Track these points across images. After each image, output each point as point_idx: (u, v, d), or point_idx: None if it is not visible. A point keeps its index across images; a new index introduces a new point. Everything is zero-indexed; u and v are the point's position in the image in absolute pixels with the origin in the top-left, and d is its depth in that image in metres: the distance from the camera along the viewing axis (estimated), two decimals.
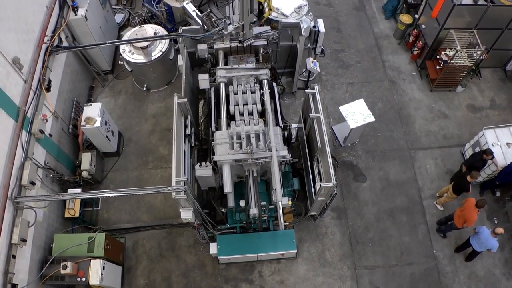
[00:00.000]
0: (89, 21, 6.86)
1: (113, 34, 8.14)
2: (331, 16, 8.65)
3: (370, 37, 8.36)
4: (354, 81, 7.67)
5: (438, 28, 7.18)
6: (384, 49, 8.21)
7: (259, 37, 6.35)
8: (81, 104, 7.23)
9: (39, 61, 5.92)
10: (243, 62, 6.40)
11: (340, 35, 8.33)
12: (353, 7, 8.90)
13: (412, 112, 7.47)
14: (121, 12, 8.62)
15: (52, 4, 6.40)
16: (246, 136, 5.32)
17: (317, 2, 8.95)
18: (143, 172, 6.82)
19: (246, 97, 5.73)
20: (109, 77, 7.83)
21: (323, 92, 7.50)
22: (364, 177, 6.80)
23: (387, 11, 8.71)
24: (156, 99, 7.50)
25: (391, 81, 7.78)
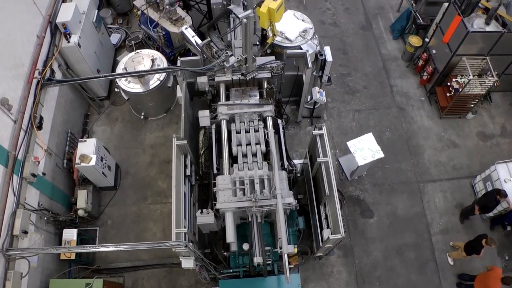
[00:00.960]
0: (82, 48, 6.49)
1: (109, 57, 7.76)
2: (336, 37, 8.30)
3: (377, 59, 8.02)
4: (361, 108, 7.38)
5: (450, 55, 6.85)
6: (392, 72, 7.89)
7: (263, 68, 6.05)
8: (76, 134, 6.93)
9: (30, 97, 5.57)
10: (245, 95, 6.09)
11: (346, 57, 7.99)
12: (360, 27, 8.54)
13: (421, 141, 7.20)
14: (117, 32, 8.22)
15: (42, 32, 6.02)
16: (249, 181, 5.07)
17: (322, 21, 8.57)
18: (141, 208, 6.56)
19: (249, 136, 5.43)
20: (105, 103, 7.49)
21: (329, 120, 7.21)
22: (372, 212, 6.57)
23: (395, 31, 8.35)
24: (154, 128, 7.19)
25: (400, 107, 7.49)
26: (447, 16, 6.99)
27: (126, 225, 6.44)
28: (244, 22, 4.92)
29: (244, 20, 4.92)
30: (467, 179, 6.98)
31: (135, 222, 6.45)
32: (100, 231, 6.41)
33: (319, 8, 8.80)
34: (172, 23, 6.66)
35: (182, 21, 6.68)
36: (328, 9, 8.80)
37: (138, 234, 6.38)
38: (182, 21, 6.68)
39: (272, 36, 6.00)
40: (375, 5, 8.99)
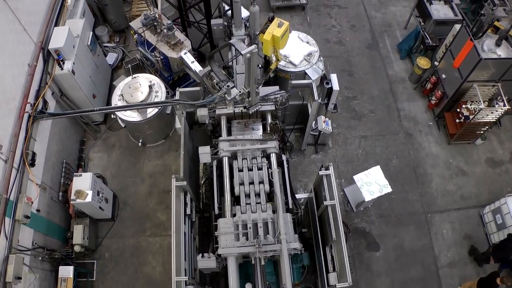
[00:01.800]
0: (77, 75, 6.18)
1: (106, 79, 7.45)
2: (342, 57, 8.00)
3: (384, 81, 7.74)
4: (368, 134, 7.13)
5: (460, 80, 6.58)
6: (399, 95, 7.62)
7: (266, 100, 5.77)
8: (72, 163, 6.68)
9: (21, 133, 5.29)
10: (248, 128, 5.82)
11: (352, 79, 7.71)
12: (366, 45, 8.23)
13: (428, 169, 6.98)
14: (113, 51, 7.89)
15: (34, 61, 5.71)
16: (253, 225, 4.84)
17: (327, 40, 8.26)
18: (140, 240, 6.34)
19: (252, 175, 5.20)
20: (101, 128, 7.21)
21: (334, 148, 6.96)
22: (378, 245, 6.38)
23: (402, 51, 8.05)
24: (153, 155, 6.94)
25: (407, 133, 7.24)
26: (458, 40, 6.70)
27: (125, 258, 6.24)
28: (247, 57, 4.65)
29: (247, 55, 4.64)
30: (475, 209, 6.78)
31: (134, 255, 6.24)
32: (98, 264, 6.21)
33: (323, 25, 8.48)
34: (170, 48, 6.35)
35: (181, 46, 6.37)
36: (333, 27, 8.49)
37: (137, 268, 6.17)
38: (181, 46, 6.36)
39: (276, 61, 5.77)
40: (381, 22, 8.67)
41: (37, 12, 6.03)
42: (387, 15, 8.80)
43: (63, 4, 6.68)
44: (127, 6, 8.86)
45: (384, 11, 8.88)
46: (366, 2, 9.06)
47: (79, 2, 7.08)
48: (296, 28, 8.51)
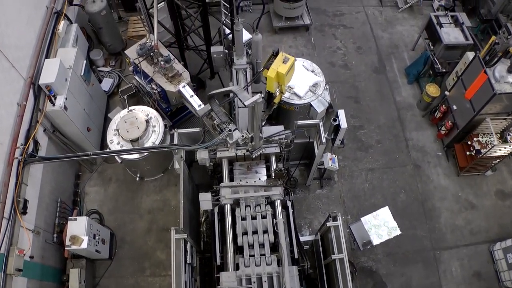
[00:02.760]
0: (70, 110, 5.85)
1: (101, 109, 7.09)
2: (347, 82, 7.68)
3: (391, 108, 7.45)
4: (375, 167, 6.87)
5: (472, 113, 6.30)
6: (407, 123, 7.34)
7: (270, 141, 5.48)
8: (68, 198, 6.40)
9: (11, 180, 5.00)
10: (251, 171, 5.56)
11: (358, 106, 7.41)
12: (372, 69, 7.90)
13: (437, 203, 6.75)
14: (109, 76, 7.53)
15: (23, 100, 5.36)
16: (257, 279, 4.62)
17: (332, 63, 7.92)
18: (139, 280, 6.11)
19: (256, 224, 4.94)
20: (97, 160, 6.92)
21: (340, 182, 6.70)
22: (385, 284, 6.18)
23: (410, 75, 7.73)
24: (152, 190, 6.66)
25: (415, 165, 6.99)
26: (471, 70, 6.39)
27: None
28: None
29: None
30: (485, 244, 6.58)
31: None
32: None
33: (328, 47, 8.14)
34: (168, 80, 6.00)
35: (179, 78, 6.02)
36: (339, 49, 8.14)
37: None
38: (179, 78, 6.02)
39: (280, 94, 5.48)
40: (388, 43, 8.33)
41: (26, 45, 5.67)
42: (394, 35, 8.47)
43: (54, 32, 6.33)
44: (123, 26, 8.49)
45: (391, 30, 8.54)
46: (372, 21, 8.72)
47: (71, 28, 6.72)
48: (300, 51, 8.20)
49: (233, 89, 4.41)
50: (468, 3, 8.92)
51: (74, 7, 7.01)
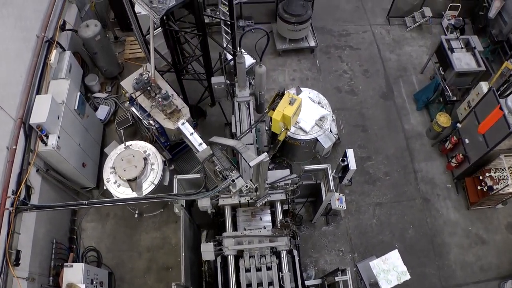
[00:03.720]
0: (63, 149, 5.54)
1: (97, 140, 6.75)
2: (354, 109, 7.37)
3: (400, 137, 7.17)
4: (383, 201, 6.62)
5: (486, 149, 6.03)
6: (416, 153, 7.06)
7: (276, 187, 5.20)
8: (63, 237, 6.11)
9: (3, 229, 4.72)
10: (255, 217, 5.30)
11: (366, 136, 7.12)
12: (380, 94, 7.59)
13: (446, 239, 6.53)
14: (105, 103, 7.19)
15: (13, 143, 5.03)
16: None
17: (338, 89, 7.60)
18: None
19: (260, 275, 4.71)
20: (94, 193, 6.64)
21: (347, 218, 6.45)
22: None
23: (419, 101, 7.43)
24: (151, 227, 6.39)
25: (424, 198, 6.74)
26: (485, 103, 6.09)
27: None
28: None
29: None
30: (495, 281, 6.37)
31: None
32: None
33: (334, 71, 7.80)
34: (166, 116, 5.69)
35: (179, 114, 5.69)
36: (345, 72, 7.81)
37: None
38: (178, 114, 5.69)
39: (285, 130, 5.20)
40: (396, 65, 8.00)
41: (15, 82, 5.32)
42: (402, 56, 8.13)
43: (46, 63, 5.98)
44: (119, 47, 8.11)
45: (399, 51, 8.20)
46: (379, 41, 8.36)
47: (64, 56, 6.36)
48: (304, 75, 7.86)
49: (237, 147, 4.11)
50: (478, 22, 8.58)
51: (67, 32, 6.63)
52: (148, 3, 4.90)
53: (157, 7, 4.87)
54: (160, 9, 4.91)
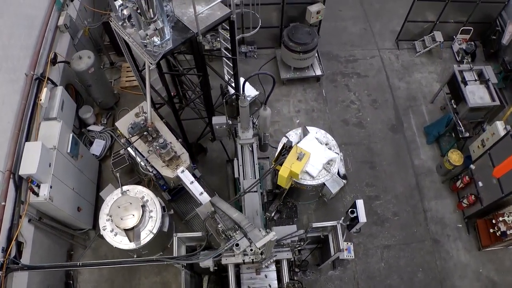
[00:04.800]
0: (56, 198, 5.21)
1: (92, 178, 6.42)
2: (362, 143, 7.04)
3: (409, 173, 6.87)
4: (391, 243, 6.36)
5: (500, 194, 5.75)
6: (426, 191, 6.78)
7: (282, 245, 4.92)
8: (59, 285, 5.82)
9: None
10: (260, 275, 5.00)
11: (374, 173, 6.82)
12: (389, 127, 7.26)
13: (457, 282, 6.29)
14: (100, 137, 6.83)
15: (2, 200, 4.69)
16: None
17: (345, 121, 7.26)
18: None
19: None
20: (90, 234, 6.34)
21: (354, 261, 6.19)
22: None
23: (430, 135, 7.11)
24: (150, 271, 6.11)
25: (434, 239, 6.49)
26: (501, 147, 5.80)
27: None
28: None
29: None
30: None
31: None
32: None
33: (341, 101, 7.45)
34: (165, 164, 5.35)
35: (178, 161, 5.35)
36: (352, 102, 7.46)
37: None
38: (177, 161, 5.35)
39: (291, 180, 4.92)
40: (406, 94, 7.65)
41: (3, 128, 4.95)
42: (411, 84, 7.78)
43: (36, 103, 5.60)
44: (115, 73, 7.71)
45: (408, 79, 7.84)
46: (388, 67, 7.99)
47: (56, 93, 5.97)
48: (310, 106, 7.50)
49: (242, 224, 3.82)
50: (490, 47, 8.22)
51: (59, 64, 6.24)
52: (142, 47, 4.54)
53: (152, 51, 4.51)
54: (156, 54, 4.54)
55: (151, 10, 4.22)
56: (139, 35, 4.32)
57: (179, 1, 5.27)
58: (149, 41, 4.39)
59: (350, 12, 8.76)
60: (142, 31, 4.27)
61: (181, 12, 5.07)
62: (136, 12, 4.27)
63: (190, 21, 4.83)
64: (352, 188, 6.59)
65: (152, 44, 4.49)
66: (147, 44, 4.47)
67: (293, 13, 7.34)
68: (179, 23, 4.90)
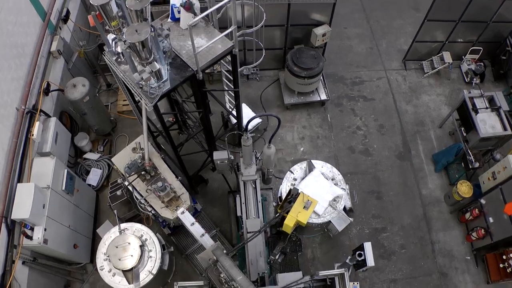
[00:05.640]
0: (51, 239, 4.98)
1: (89, 211, 6.16)
2: (369, 172, 6.81)
3: (416, 203, 6.66)
4: (398, 278, 6.18)
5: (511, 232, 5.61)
6: (434, 222, 6.58)
7: None
8: None
9: None
10: None
11: (381, 204, 6.60)
12: (396, 154, 7.02)
13: None
14: (97, 165, 6.57)
15: None
16: None
17: (351, 149, 7.01)
18: None
19: None
20: (88, 268, 6.11)
21: None
22: None
23: (438, 164, 6.88)
24: None
25: (442, 273, 6.30)
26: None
27: None
28: None
29: None
30: None
31: None
32: None
33: (347, 127, 7.19)
34: (164, 205, 5.09)
35: (178, 202, 5.10)
36: (359, 128, 7.20)
37: None
38: (177, 202, 5.10)
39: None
40: (413, 119, 7.39)
41: None
42: (419, 108, 7.52)
43: (28, 138, 5.32)
44: (112, 96, 7.41)
45: (416, 102, 7.58)
46: (395, 89, 7.72)
47: (49, 124, 5.70)
48: (314, 132, 7.24)
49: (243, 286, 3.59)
50: (499, 67, 7.94)
51: (52, 93, 5.94)
52: (137, 87, 4.25)
53: (148, 92, 4.23)
54: (153, 96, 4.26)
55: (146, 50, 3.95)
56: (133, 78, 4.05)
57: (177, 33, 4.98)
58: (145, 84, 4.13)
59: (356, 30, 8.46)
60: (137, 74, 3.99)
61: (179, 45, 4.78)
62: (129, 52, 3.96)
63: (189, 56, 4.54)
64: (358, 220, 6.39)
65: (148, 86, 4.23)
66: (143, 85, 4.21)
67: (298, 34, 7.03)
68: (177, 59, 4.61)
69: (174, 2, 4.98)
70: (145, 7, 3.98)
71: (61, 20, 6.43)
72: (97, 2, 3.87)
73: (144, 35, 3.75)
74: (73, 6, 7.02)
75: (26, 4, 5.64)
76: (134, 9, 3.93)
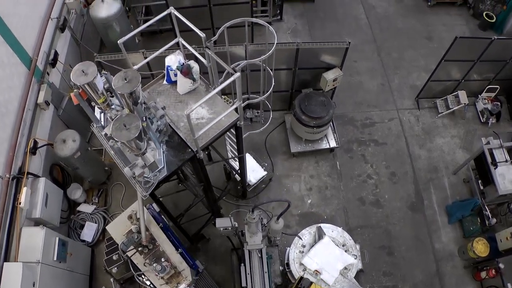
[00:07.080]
0: None
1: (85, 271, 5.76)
2: (379, 225, 6.43)
3: (429, 259, 6.32)
4: None
5: None
6: (447, 279, 6.25)
7: None
8: None
9: None
10: None
11: (392, 260, 6.26)
12: (408, 205, 6.64)
13: None
14: (92, 219, 6.15)
15: None
16: None
17: (361, 200, 6.61)
18: None
19: None
20: None
21: None
22: None
23: (453, 217, 6.51)
24: None
25: None
26: None
27: None
28: None
29: None
30: None
31: None
32: None
33: (357, 175, 6.77)
34: (164, 281, 4.68)
35: (178, 279, 4.68)
36: (369, 177, 6.79)
37: None
38: (178, 279, 4.68)
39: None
40: (426, 165, 6.98)
41: None
42: (432, 152, 7.11)
43: (15, 207, 4.89)
44: None
45: (430, 146, 7.16)
46: (408, 132, 7.27)
47: (38, 186, 5.25)
48: (323, 182, 6.82)
49: None
50: None
51: (39, 150, 5.46)
52: (131, 178, 3.79)
53: (142, 182, 3.78)
54: (147, 186, 3.82)
55: (137, 143, 3.47)
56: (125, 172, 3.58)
57: (173, 99, 4.48)
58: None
59: (366, 63, 7.96)
60: (128, 169, 3.53)
61: (177, 116, 4.29)
62: (117, 147, 3.48)
63: (188, 129, 4.00)
64: (368, 278, 6.08)
65: (142, 177, 3.77)
66: (135, 175, 3.74)
67: (306, 76, 6.53)
68: (175, 136, 4.13)
69: (169, 64, 4.48)
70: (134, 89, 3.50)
71: (49, 65, 5.92)
72: (80, 82, 3.43)
73: (135, 132, 3.27)
74: (62, 45, 6.46)
75: (8, 55, 5.09)
76: (123, 93, 3.47)
